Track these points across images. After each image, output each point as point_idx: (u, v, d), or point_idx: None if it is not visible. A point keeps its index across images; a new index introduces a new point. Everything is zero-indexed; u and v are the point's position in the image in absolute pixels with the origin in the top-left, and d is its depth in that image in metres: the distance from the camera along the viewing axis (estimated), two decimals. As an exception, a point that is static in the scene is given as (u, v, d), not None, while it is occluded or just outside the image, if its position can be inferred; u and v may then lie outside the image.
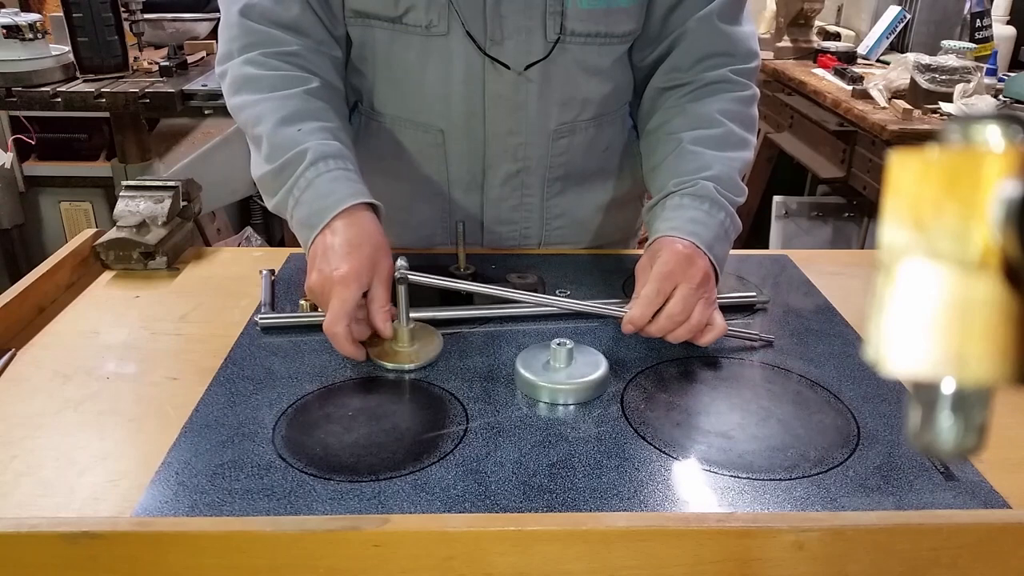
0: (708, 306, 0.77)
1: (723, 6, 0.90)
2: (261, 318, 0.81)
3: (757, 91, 0.94)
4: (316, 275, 0.75)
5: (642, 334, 0.77)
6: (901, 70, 1.97)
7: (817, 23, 2.59)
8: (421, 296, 0.80)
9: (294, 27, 0.86)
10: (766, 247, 2.51)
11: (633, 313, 0.76)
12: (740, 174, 0.88)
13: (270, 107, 0.83)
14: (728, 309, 0.87)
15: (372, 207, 0.79)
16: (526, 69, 0.88)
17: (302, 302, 0.82)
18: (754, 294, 0.88)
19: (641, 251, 1.02)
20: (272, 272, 0.91)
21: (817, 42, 2.53)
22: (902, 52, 2.32)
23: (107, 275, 0.93)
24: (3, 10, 1.98)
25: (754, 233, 2.74)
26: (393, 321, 0.75)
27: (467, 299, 0.86)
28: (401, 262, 0.73)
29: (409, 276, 0.73)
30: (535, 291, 0.87)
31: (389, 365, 0.74)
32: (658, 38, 0.93)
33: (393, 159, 0.98)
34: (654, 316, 0.76)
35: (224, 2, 0.88)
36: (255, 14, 0.86)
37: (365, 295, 0.75)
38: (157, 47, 2.27)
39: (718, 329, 0.77)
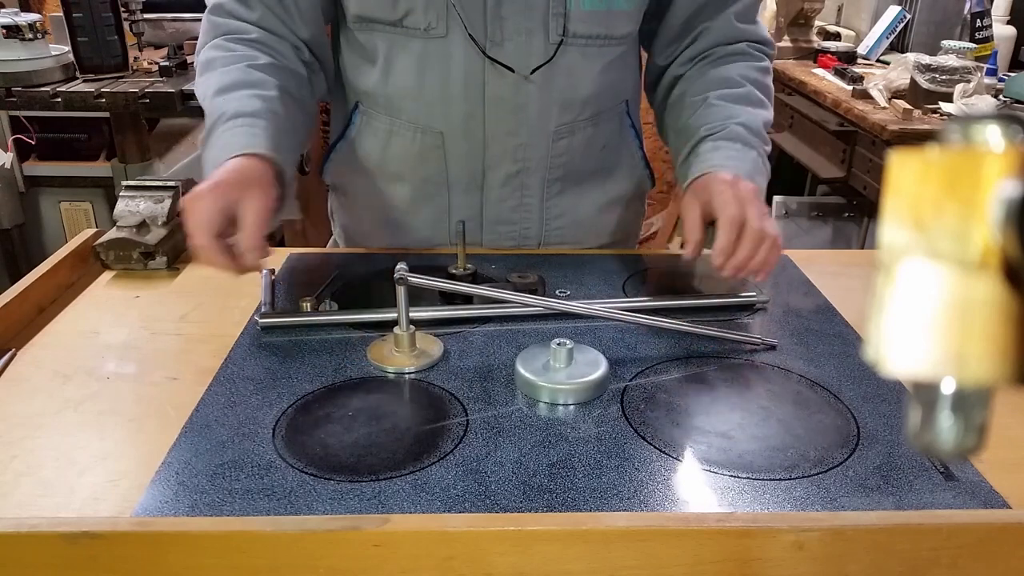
0: (770, 220, 0.80)
1: (742, 9, 0.96)
2: (261, 318, 0.81)
3: (771, 66, 0.99)
4: (192, 195, 0.74)
5: (729, 266, 0.79)
6: (901, 70, 1.97)
7: (817, 23, 2.59)
8: (421, 296, 0.80)
9: (256, 23, 0.90)
10: (766, 247, 2.50)
11: (720, 243, 0.79)
12: (765, 127, 0.93)
13: (213, 81, 0.86)
14: (728, 309, 0.87)
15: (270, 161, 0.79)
16: (532, 73, 0.89)
17: (303, 303, 0.82)
18: (754, 294, 0.88)
19: (640, 251, 1.02)
20: (272, 272, 0.91)
21: (817, 42, 2.53)
22: (902, 52, 2.32)
23: (107, 275, 0.93)
24: (3, 10, 1.98)
25: (754, 233, 2.74)
26: (394, 327, 0.75)
27: (467, 299, 0.86)
28: (400, 265, 0.73)
29: (409, 278, 0.73)
30: (534, 291, 0.87)
31: (390, 368, 0.74)
32: (678, 39, 0.98)
33: (393, 160, 0.98)
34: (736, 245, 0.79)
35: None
36: (222, 11, 0.91)
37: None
38: (157, 47, 2.27)
39: (779, 244, 0.80)
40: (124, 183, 0.98)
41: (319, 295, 0.86)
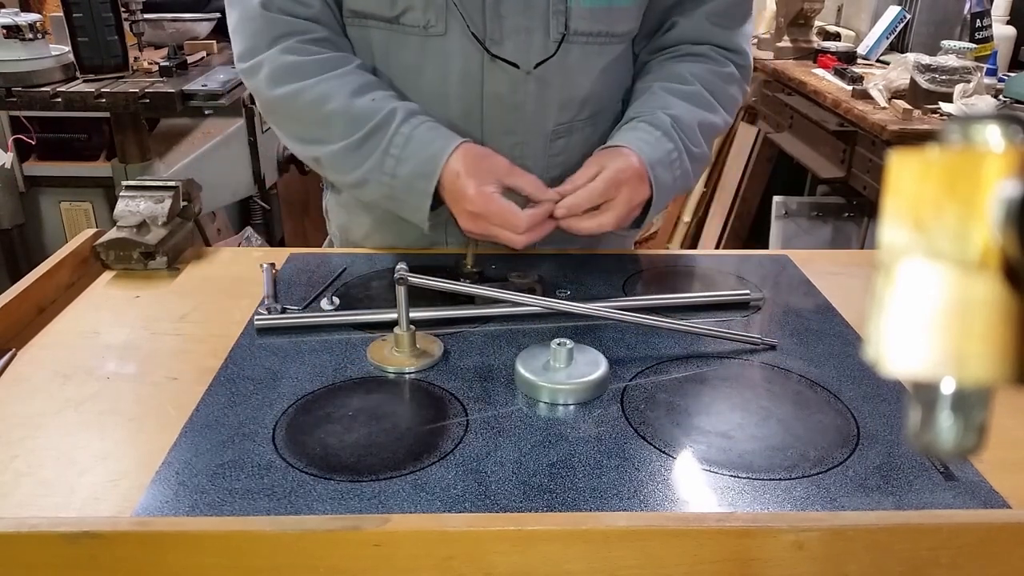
0: (617, 219, 0.85)
1: (717, 9, 0.95)
2: (258, 319, 0.81)
3: (736, 72, 0.98)
4: (465, 213, 0.83)
5: (562, 215, 0.84)
6: (901, 70, 1.97)
7: (817, 23, 2.59)
8: (422, 296, 0.79)
9: (315, 18, 0.88)
10: (766, 247, 2.51)
11: (569, 201, 0.84)
12: (703, 132, 0.93)
13: (334, 85, 0.85)
14: (725, 307, 0.87)
15: None
16: (536, 68, 0.89)
17: (323, 303, 0.82)
18: (748, 292, 0.88)
19: (640, 251, 1.02)
20: (272, 266, 0.91)
21: (817, 42, 2.53)
22: (902, 52, 2.32)
23: (107, 275, 0.93)
24: (3, 10, 1.98)
25: (754, 233, 2.75)
26: (394, 327, 0.75)
27: (469, 299, 0.86)
28: (400, 265, 0.73)
29: (409, 278, 0.73)
30: (534, 291, 0.87)
31: (390, 368, 0.74)
32: (654, 31, 0.99)
33: None
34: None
35: (239, 3, 0.89)
36: (275, 7, 0.87)
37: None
38: (157, 47, 2.27)
39: (603, 226, 0.85)
40: (124, 183, 0.98)
41: (321, 294, 0.86)
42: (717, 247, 2.71)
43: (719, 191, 2.83)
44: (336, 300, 0.85)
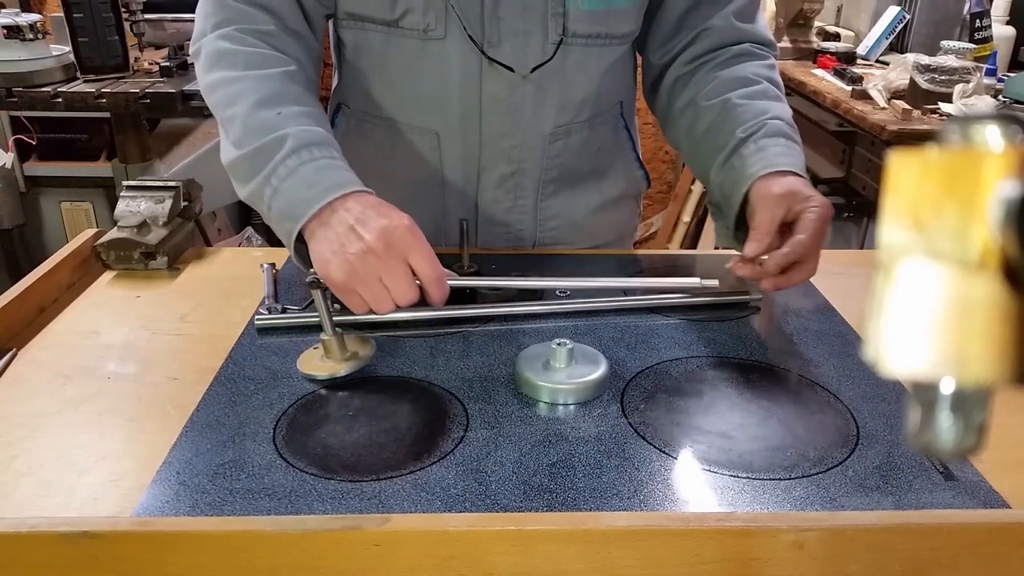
0: (823, 240, 0.76)
1: (740, 7, 0.93)
2: (258, 319, 0.81)
3: (776, 62, 0.96)
4: (347, 266, 0.68)
5: (764, 276, 0.76)
6: (901, 70, 1.97)
7: (817, 23, 2.59)
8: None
9: (269, 8, 0.84)
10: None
11: (750, 244, 0.76)
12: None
13: (246, 87, 0.78)
14: (725, 307, 0.87)
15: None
16: (532, 71, 0.88)
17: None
18: (748, 292, 0.88)
19: (640, 251, 1.02)
20: (273, 266, 0.91)
21: (817, 42, 2.52)
22: (902, 52, 2.32)
23: (108, 275, 0.93)
24: (3, 10, 1.98)
25: (754, 233, 2.74)
26: (321, 335, 0.72)
27: (469, 298, 0.87)
28: (313, 269, 0.70)
29: (323, 281, 0.70)
30: (533, 291, 0.87)
31: (321, 375, 0.71)
32: (674, 37, 0.95)
33: (387, 161, 0.97)
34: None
35: None
36: None
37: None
38: (157, 47, 2.27)
39: (815, 263, 0.77)
40: (125, 183, 0.98)
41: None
42: (717, 247, 2.71)
43: (719, 191, 2.82)
44: (337, 306, 0.84)
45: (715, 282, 0.76)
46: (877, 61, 2.40)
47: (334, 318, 0.73)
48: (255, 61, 0.80)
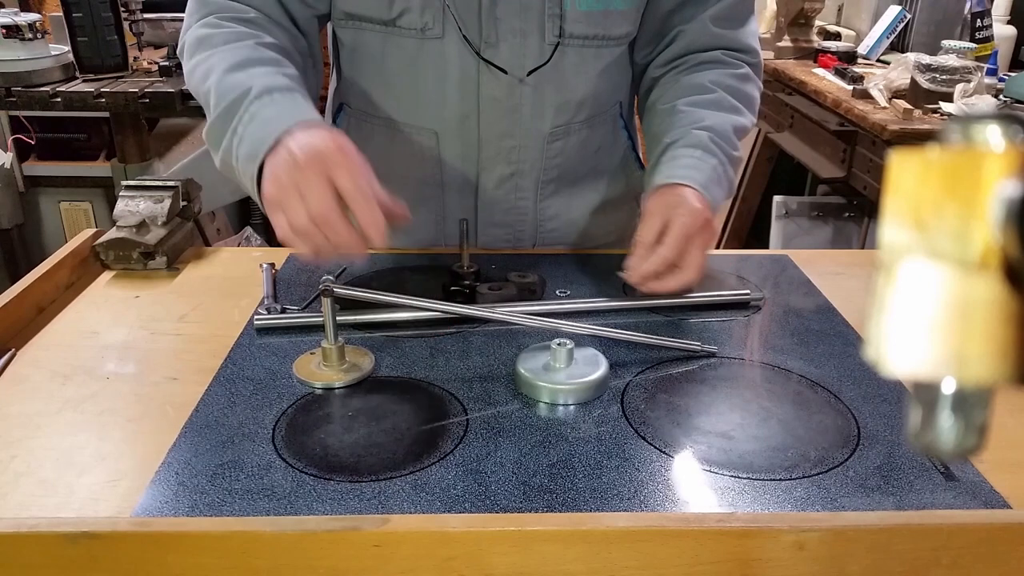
0: (701, 254, 0.79)
1: (721, 11, 0.93)
2: (258, 319, 0.81)
3: (751, 72, 0.96)
4: (274, 179, 0.66)
5: (639, 282, 0.79)
6: (901, 70, 1.97)
7: (817, 23, 2.59)
8: (423, 293, 0.79)
9: (251, 3, 0.85)
10: (766, 247, 2.51)
11: (644, 269, 0.78)
12: (736, 133, 0.91)
13: (218, 59, 0.79)
14: (726, 308, 0.87)
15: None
16: (528, 76, 0.88)
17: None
18: (748, 292, 0.88)
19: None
20: (272, 266, 0.91)
21: (817, 42, 2.52)
22: (902, 52, 2.32)
23: (107, 275, 0.93)
24: (3, 10, 1.98)
25: (754, 233, 2.74)
26: (323, 343, 0.72)
27: (470, 298, 0.86)
28: (327, 276, 0.70)
29: (335, 290, 0.70)
30: (533, 292, 0.87)
31: (317, 384, 0.71)
32: (656, 37, 0.96)
33: (387, 161, 0.97)
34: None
35: None
36: None
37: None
38: (157, 47, 2.27)
39: (694, 278, 0.79)
40: (124, 183, 0.98)
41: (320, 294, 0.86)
42: (717, 247, 2.71)
43: (719, 191, 2.82)
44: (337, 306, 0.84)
45: (715, 348, 0.77)
46: (878, 60, 2.40)
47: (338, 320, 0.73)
48: (230, 38, 0.81)
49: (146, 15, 2.03)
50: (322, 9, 0.91)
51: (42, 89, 1.80)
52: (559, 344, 0.70)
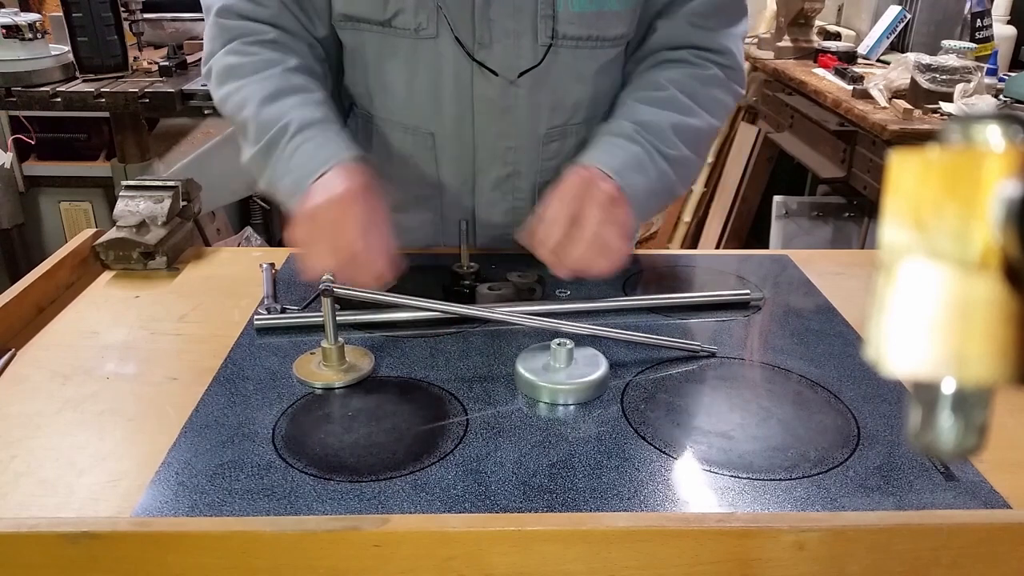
0: (612, 228, 0.78)
1: (699, 7, 0.91)
2: (258, 319, 0.81)
3: (720, 74, 0.93)
4: (307, 215, 0.74)
5: (548, 261, 0.79)
6: (901, 70, 1.97)
7: (817, 23, 2.59)
8: (423, 293, 0.79)
9: (270, 22, 0.88)
10: (766, 247, 2.51)
11: (538, 234, 0.78)
12: (679, 134, 0.88)
13: (251, 90, 0.84)
14: (726, 308, 0.87)
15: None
16: (519, 77, 0.88)
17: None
18: (748, 292, 0.88)
19: (640, 251, 1.02)
20: (272, 266, 0.91)
21: (817, 42, 2.52)
22: (902, 52, 2.32)
23: (107, 275, 0.93)
24: (3, 10, 1.98)
25: (754, 233, 2.74)
26: (322, 343, 0.72)
27: (469, 298, 0.86)
28: (327, 276, 0.70)
29: (335, 290, 0.70)
30: (533, 292, 0.87)
31: (317, 384, 0.71)
32: (639, 32, 0.95)
33: (386, 162, 0.97)
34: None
35: (205, 11, 0.91)
36: (231, 13, 0.88)
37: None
38: (157, 47, 2.27)
39: (616, 253, 0.77)
40: (124, 183, 0.98)
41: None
42: (717, 247, 2.71)
43: (719, 191, 2.83)
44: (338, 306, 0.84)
45: (715, 348, 0.77)
46: (878, 60, 2.40)
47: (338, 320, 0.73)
48: (259, 67, 0.86)
49: (146, 15, 2.04)
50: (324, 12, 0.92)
51: (42, 89, 1.80)
52: (559, 344, 0.70)
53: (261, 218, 2.65)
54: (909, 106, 1.85)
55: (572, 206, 0.78)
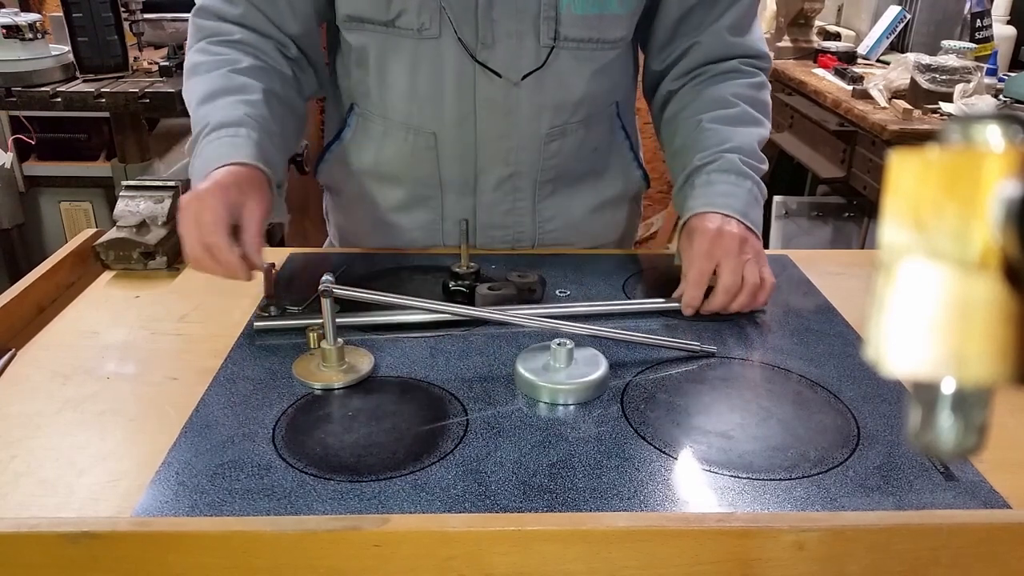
0: (756, 266, 0.82)
1: (735, 20, 0.94)
2: (258, 319, 0.81)
3: (766, 79, 0.98)
4: (180, 205, 0.75)
5: (704, 311, 0.83)
6: (901, 70, 1.97)
7: (817, 23, 2.59)
8: (423, 294, 0.79)
9: (238, 21, 0.90)
10: (766, 247, 2.50)
11: (686, 297, 0.83)
12: (760, 146, 0.93)
13: (196, 89, 0.87)
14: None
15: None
16: (523, 79, 0.89)
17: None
18: None
19: (640, 251, 1.02)
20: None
21: (817, 42, 2.53)
22: (902, 52, 2.32)
23: (107, 275, 0.93)
24: (3, 10, 1.98)
25: (754, 233, 2.74)
26: (322, 343, 0.72)
27: (469, 298, 0.86)
28: (327, 276, 0.70)
29: (334, 290, 0.70)
30: (534, 292, 0.87)
31: (316, 385, 0.71)
32: (670, 43, 0.97)
33: (386, 162, 0.98)
34: (709, 294, 0.82)
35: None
36: (205, 12, 0.91)
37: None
38: (157, 47, 2.27)
39: (768, 285, 0.83)
40: (124, 183, 0.98)
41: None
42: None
43: (719, 191, 2.82)
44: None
45: (714, 348, 0.78)
46: (878, 61, 2.40)
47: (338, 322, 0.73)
48: (211, 67, 0.88)
49: (146, 15, 2.03)
50: (320, 14, 0.93)
51: (42, 89, 1.80)
52: (559, 344, 0.70)
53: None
54: (909, 106, 1.85)
55: (710, 263, 0.82)
